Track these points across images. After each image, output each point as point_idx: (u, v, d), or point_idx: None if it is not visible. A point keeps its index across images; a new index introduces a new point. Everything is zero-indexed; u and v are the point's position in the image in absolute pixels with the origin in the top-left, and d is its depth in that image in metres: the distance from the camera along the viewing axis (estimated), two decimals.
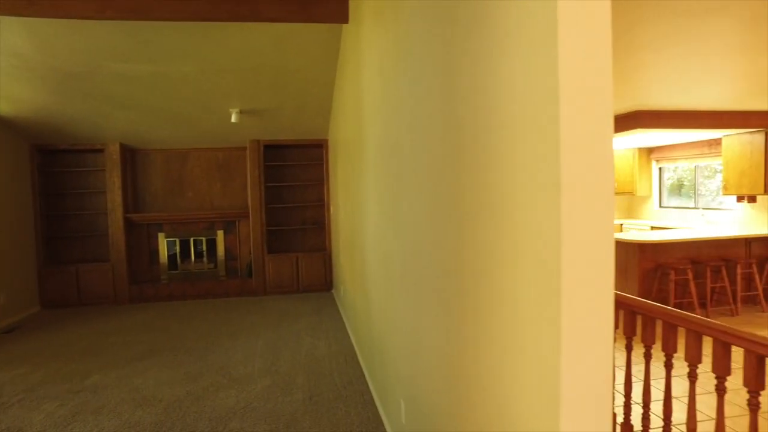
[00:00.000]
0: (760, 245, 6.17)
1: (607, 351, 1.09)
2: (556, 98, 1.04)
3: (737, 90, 4.82)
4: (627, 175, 8.39)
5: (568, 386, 1.08)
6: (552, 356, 1.10)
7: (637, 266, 5.72)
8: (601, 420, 1.09)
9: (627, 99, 5.12)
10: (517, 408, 1.28)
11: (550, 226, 1.09)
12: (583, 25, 1.05)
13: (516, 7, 1.21)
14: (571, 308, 1.06)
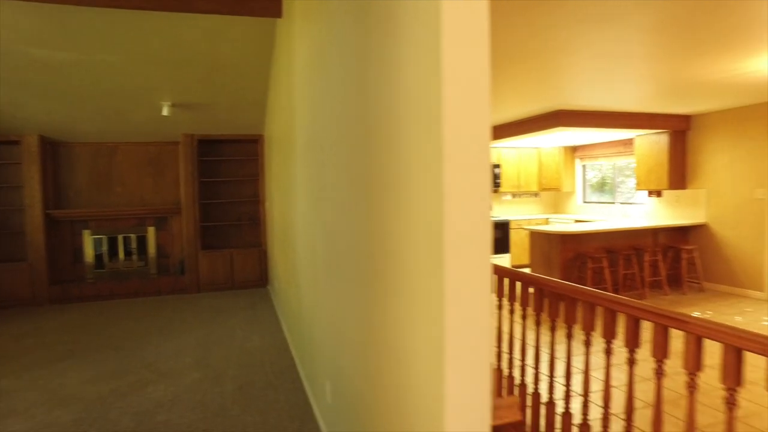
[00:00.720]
0: (665, 235, 6.75)
1: (482, 322, 1.23)
2: (438, 101, 1.17)
3: (643, 93, 5.27)
4: (553, 172, 8.90)
5: (451, 347, 1.22)
6: (437, 329, 1.23)
7: (559, 255, 6.10)
8: (477, 372, 1.24)
9: (549, 99, 5.47)
10: (415, 370, 1.41)
11: (435, 219, 1.22)
12: (464, 41, 1.18)
13: (408, 12, 1.33)
14: (452, 285, 1.20)
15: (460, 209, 1.19)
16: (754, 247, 6.05)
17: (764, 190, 5.93)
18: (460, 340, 1.21)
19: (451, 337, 1.21)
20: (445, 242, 1.19)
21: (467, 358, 1.23)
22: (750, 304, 5.80)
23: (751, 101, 5.81)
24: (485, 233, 1.23)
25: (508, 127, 7.04)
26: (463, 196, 1.19)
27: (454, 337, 1.21)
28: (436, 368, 1.25)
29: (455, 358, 1.22)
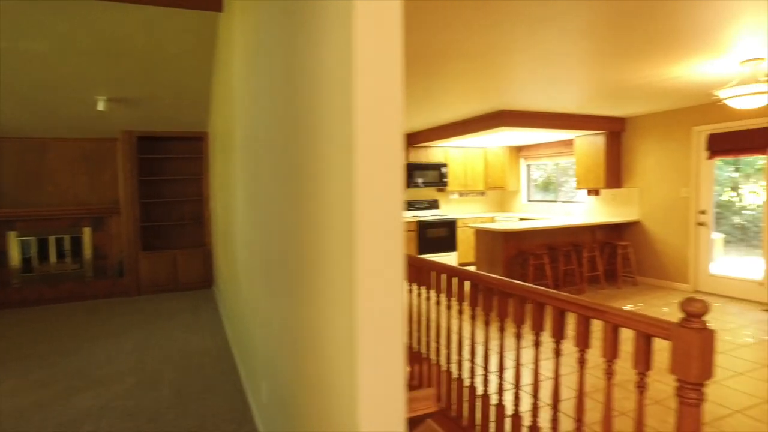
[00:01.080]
0: (602, 232, 7.07)
1: (395, 317, 1.24)
2: (349, 101, 1.17)
3: (581, 95, 5.49)
4: (499, 171, 9.13)
5: (364, 341, 1.22)
6: (350, 324, 1.23)
7: (503, 253, 6.27)
8: (391, 364, 1.25)
9: (492, 99, 5.60)
10: (332, 366, 1.41)
11: (347, 216, 1.22)
12: (376, 43, 1.18)
13: (325, 12, 1.32)
14: (363, 281, 1.20)
15: (371, 205, 1.20)
16: (680, 243, 6.43)
17: (688, 189, 6.31)
18: (371, 335, 1.21)
19: (363, 332, 1.22)
20: (357, 239, 1.20)
21: (379, 352, 1.24)
22: (677, 295, 6.15)
23: (676, 106, 6.17)
24: (397, 229, 1.24)
25: (454, 127, 7.17)
26: (374, 193, 1.20)
27: (366, 332, 1.22)
28: (349, 361, 1.25)
29: (367, 352, 1.23)
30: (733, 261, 8.57)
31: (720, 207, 9.98)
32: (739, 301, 5.79)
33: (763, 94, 3.89)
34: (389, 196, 1.22)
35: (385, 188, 1.21)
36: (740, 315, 5.26)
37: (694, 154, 6.23)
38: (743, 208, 9.28)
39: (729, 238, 9.71)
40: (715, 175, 6.23)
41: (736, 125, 5.73)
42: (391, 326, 1.23)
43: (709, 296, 6.08)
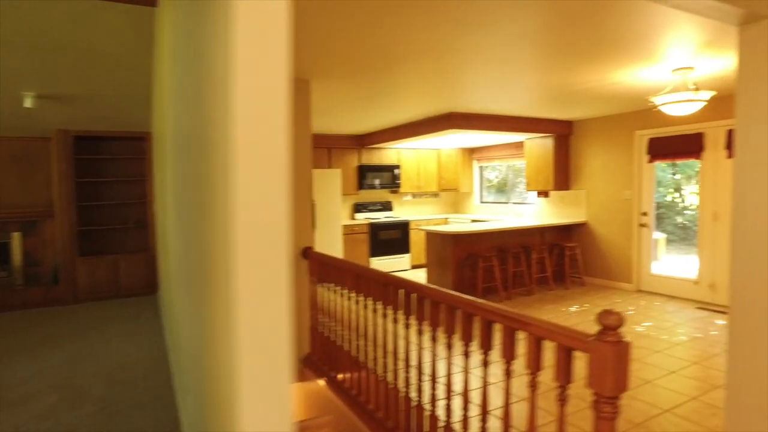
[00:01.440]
0: (551, 233, 7.20)
1: (280, 330, 1.16)
2: (229, 103, 1.08)
3: (530, 99, 5.55)
4: (452, 173, 9.18)
5: (246, 354, 1.13)
6: (231, 335, 1.14)
7: (453, 255, 6.28)
8: (276, 380, 1.16)
9: (441, 101, 5.59)
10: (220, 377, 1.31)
11: (227, 218, 1.13)
12: (259, 49, 1.09)
13: (213, 13, 1.23)
14: (244, 289, 1.11)
15: (251, 208, 1.11)
16: (624, 243, 6.62)
17: (631, 192, 6.50)
18: (251, 347, 1.13)
19: (243, 344, 1.13)
20: (237, 243, 1.11)
21: (261, 363, 1.15)
22: (621, 295, 6.33)
23: (619, 111, 6.34)
24: (280, 242, 1.16)
25: (405, 129, 7.14)
26: (253, 201, 1.12)
27: (245, 343, 1.13)
28: (230, 377, 1.16)
29: (247, 363, 1.14)
30: (674, 259, 8.93)
31: (664, 207, 10.38)
32: (677, 300, 6.00)
33: (692, 102, 4.01)
34: (271, 204, 1.13)
35: (265, 195, 1.13)
36: (677, 313, 5.45)
37: (636, 157, 6.41)
38: (685, 208, 9.68)
39: (672, 237, 10.13)
40: (660, 177, 6.44)
41: (674, 130, 5.94)
42: (274, 339, 1.15)
43: (650, 295, 6.28)
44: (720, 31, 3.20)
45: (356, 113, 6.16)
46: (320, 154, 8.22)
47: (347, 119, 6.65)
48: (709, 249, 5.72)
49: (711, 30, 3.19)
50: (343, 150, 8.41)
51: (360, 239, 8.24)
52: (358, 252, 8.21)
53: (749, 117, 2.16)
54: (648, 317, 5.32)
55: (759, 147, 2.12)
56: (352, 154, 8.52)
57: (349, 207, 8.81)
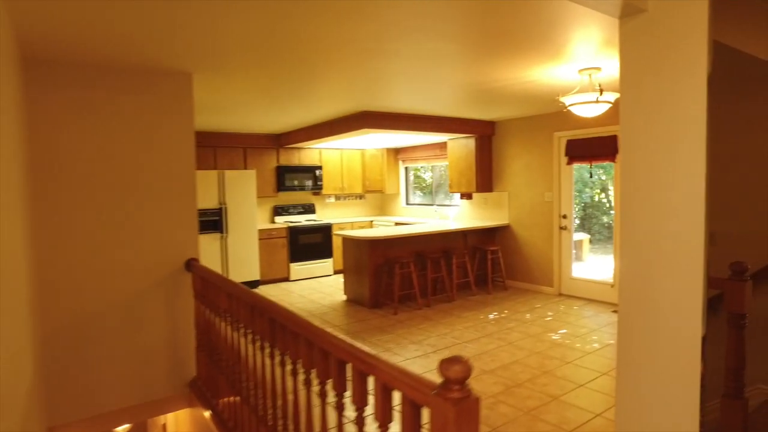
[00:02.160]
0: (474, 236, 7.00)
1: None
2: None
3: (449, 98, 5.27)
4: (377, 174, 8.84)
5: None
6: None
7: (369, 261, 5.92)
8: None
9: (355, 99, 5.21)
10: None
11: None
12: None
13: None
14: None
15: None
16: (546, 246, 6.51)
17: (551, 194, 6.39)
18: None
19: None
20: None
21: None
22: (541, 299, 6.20)
23: (538, 111, 6.21)
24: None
25: (321, 128, 6.72)
26: None
27: None
28: None
29: None
30: (598, 260, 9.02)
31: (592, 207, 10.54)
32: (596, 303, 5.93)
33: (597, 103, 3.84)
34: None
35: None
36: (593, 318, 5.35)
37: (556, 159, 6.31)
38: (611, 208, 9.82)
39: (599, 236, 10.29)
40: (585, 177, 6.37)
41: (589, 132, 5.86)
42: None
43: (570, 299, 6.19)
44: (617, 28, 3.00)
45: (269, 110, 5.67)
46: (234, 154, 7.65)
47: (260, 117, 6.15)
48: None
49: (609, 27, 2.99)
50: (259, 150, 7.88)
51: (279, 244, 7.74)
52: (276, 258, 7.71)
53: (632, 115, 1.92)
54: (565, 323, 5.18)
55: (642, 145, 1.89)
56: (270, 154, 8.00)
57: (268, 210, 8.29)
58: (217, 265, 7.04)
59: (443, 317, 5.53)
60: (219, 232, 7.05)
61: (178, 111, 3.77)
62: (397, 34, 3.08)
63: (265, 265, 7.59)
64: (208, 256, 6.98)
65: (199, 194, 6.99)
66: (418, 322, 5.35)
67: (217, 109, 5.47)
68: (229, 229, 7.12)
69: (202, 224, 6.88)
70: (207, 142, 7.34)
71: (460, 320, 5.38)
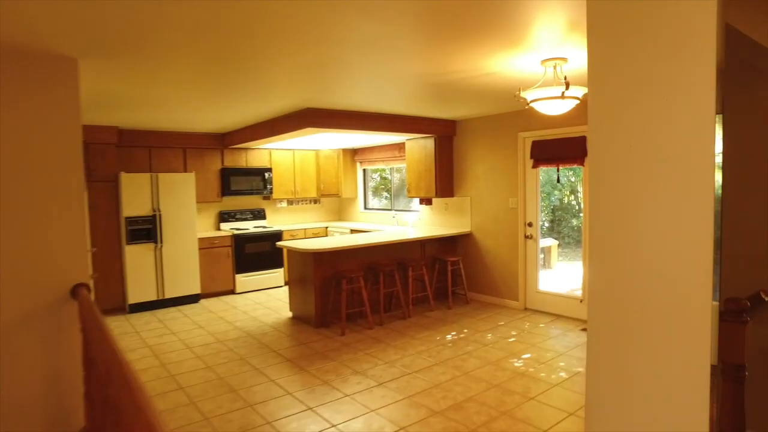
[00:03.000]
0: (432, 246, 6.44)
1: None
2: None
3: (400, 94, 4.68)
4: (332, 176, 8.21)
5: None
6: None
7: (315, 275, 5.29)
8: None
9: (296, 94, 4.57)
10: None
11: None
12: None
13: None
14: None
15: None
16: (510, 256, 5.99)
17: (516, 200, 5.88)
18: None
19: None
20: None
21: None
22: (506, 315, 5.68)
23: (501, 109, 5.68)
24: None
25: (263, 127, 6.05)
26: None
27: None
28: None
29: None
30: (568, 267, 8.58)
31: (561, 210, 10.13)
32: (564, 320, 5.44)
33: (563, 99, 3.30)
34: None
35: None
36: (561, 338, 4.84)
37: (521, 161, 5.80)
38: (580, 211, 9.39)
39: (568, 239, 9.88)
40: (554, 179, 5.87)
41: (556, 133, 5.36)
42: None
43: (537, 315, 5.68)
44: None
45: (202, 106, 4.99)
46: (173, 155, 6.91)
47: (195, 114, 5.45)
48: None
49: (576, 6, 2.44)
50: (201, 151, 7.15)
51: (222, 254, 7.03)
52: (220, 269, 7.01)
53: (599, 105, 1.40)
54: (529, 345, 4.65)
55: (615, 145, 1.37)
56: (214, 155, 7.28)
57: (213, 216, 7.56)
58: (150, 278, 6.31)
59: (395, 338, 4.95)
60: (152, 241, 6.31)
61: (57, 105, 3.06)
62: (332, 15, 2.48)
63: (207, 277, 6.88)
64: (140, 268, 6.24)
65: (128, 200, 6.30)
66: (366, 346, 4.75)
67: (142, 104, 4.76)
68: (164, 238, 6.39)
69: (133, 233, 6.15)
70: (141, 141, 6.59)
71: (414, 342, 4.80)
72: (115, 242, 6.15)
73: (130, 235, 6.15)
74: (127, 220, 6.12)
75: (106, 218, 6.09)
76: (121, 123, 5.96)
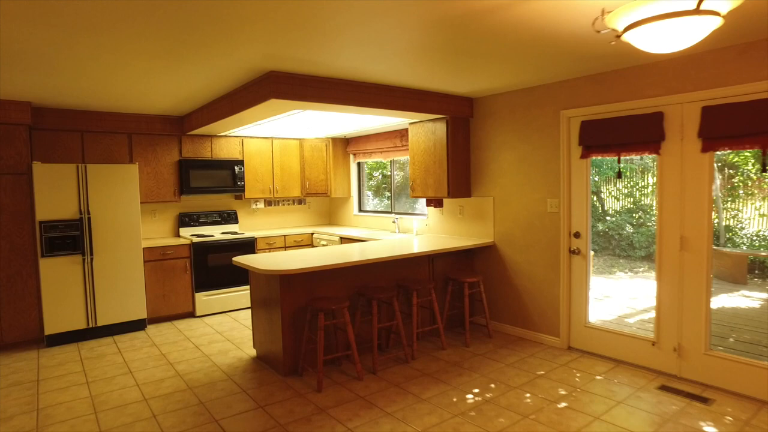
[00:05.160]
0: (444, 262, 4.94)
1: None
2: None
3: (397, 50, 3.21)
4: (320, 171, 6.72)
5: None
6: None
7: (283, 305, 3.81)
8: None
9: (254, 52, 3.10)
10: None
11: None
12: None
13: None
14: None
15: None
16: (548, 277, 4.49)
17: (558, 201, 4.37)
18: None
19: None
20: None
21: None
22: (544, 358, 4.17)
23: (537, 78, 4.17)
24: None
25: (223, 103, 4.57)
26: None
27: None
28: None
29: None
30: (600, 283, 7.04)
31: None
32: (628, 369, 3.93)
33: (697, 14, 1.79)
34: None
35: None
36: (631, 401, 3.33)
37: (565, 150, 4.29)
38: (606, 213, 7.81)
39: (594, 247, 8.34)
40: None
41: (619, 109, 3.85)
42: None
43: (587, 358, 4.17)
44: None
45: (137, 65, 3.53)
46: (114, 142, 5.46)
47: (138, 84, 4.00)
48: (673, 292, 3.68)
49: None
50: (152, 138, 5.69)
51: (178, 267, 5.56)
52: (175, 286, 5.54)
53: None
54: (591, 418, 3.14)
55: None
56: (169, 143, 5.81)
57: (170, 220, 6.10)
58: (77, 301, 4.86)
59: (393, 398, 3.46)
60: (79, 252, 4.85)
61: None
62: None
63: (156, 296, 5.42)
64: (63, 288, 4.80)
65: (45, 199, 4.71)
66: (350, 413, 3.26)
67: (60, 64, 3.30)
68: (95, 248, 4.93)
69: (51, 242, 4.72)
70: (69, 123, 5.13)
71: (420, 408, 3.31)
72: (26, 254, 4.70)
73: (48, 245, 4.69)
74: (44, 226, 4.65)
75: (14, 222, 4.63)
76: (37, 98, 4.50)
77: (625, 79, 3.83)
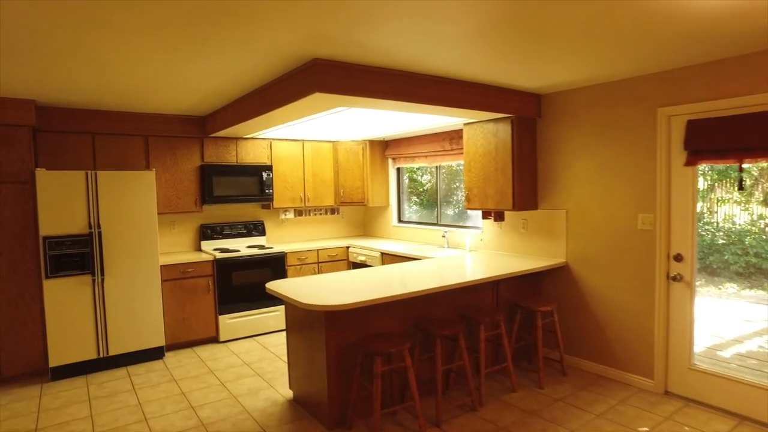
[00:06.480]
0: (509, 287, 4.23)
1: None
2: None
3: (462, 34, 2.53)
4: (356, 178, 6.05)
5: None
6: None
7: (328, 345, 3.14)
8: None
9: (294, 34, 2.46)
10: None
11: None
12: None
13: None
14: None
15: None
16: (639, 306, 3.75)
17: (653, 217, 3.64)
18: None
19: None
20: None
21: None
22: (639, 406, 3.44)
23: (628, 68, 3.45)
24: None
25: (251, 101, 3.93)
26: None
27: None
28: None
29: None
30: (707, 302, 6.26)
31: None
32: (743, 423, 3.18)
33: None
34: None
35: None
36: None
37: (663, 156, 3.56)
38: (719, 229, 6.96)
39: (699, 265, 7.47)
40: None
41: (735, 105, 3.11)
42: None
43: (691, 407, 3.43)
44: None
45: (158, 56, 2.92)
46: (128, 146, 4.87)
47: (156, 77, 3.39)
48: None
49: None
50: (171, 140, 5.09)
51: (200, 287, 4.94)
52: (195, 308, 4.92)
53: None
54: None
55: None
56: (191, 147, 5.20)
57: (192, 232, 5.49)
58: (86, 327, 4.28)
59: None
60: (88, 272, 4.25)
61: None
62: None
63: (176, 320, 4.81)
64: (70, 313, 4.21)
65: (50, 211, 3.85)
66: None
67: (71, 56, 2.70)
68: (107, 267, 4.33)
69: (57, 261, 4.14)
70: (77, 125, 4.55)
71: None
72: (29, 275, 4.11)
73: (53, 264, 4.09)
74: (48, 242, 4.06)
75: (15, 239, 4.05)
76: (42, 95, 3.91)
77: (748, 68, 3.09)
